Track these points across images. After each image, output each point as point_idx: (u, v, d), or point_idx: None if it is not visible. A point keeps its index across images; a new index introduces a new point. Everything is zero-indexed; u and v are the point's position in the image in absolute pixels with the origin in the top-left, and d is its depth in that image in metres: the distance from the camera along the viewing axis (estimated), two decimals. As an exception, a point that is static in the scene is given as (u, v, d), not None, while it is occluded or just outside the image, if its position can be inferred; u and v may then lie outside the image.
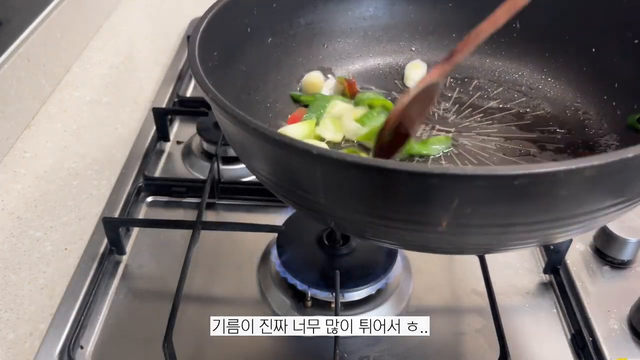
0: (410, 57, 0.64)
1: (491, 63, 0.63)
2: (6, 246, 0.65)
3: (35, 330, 0.56)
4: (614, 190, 0.34)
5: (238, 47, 0.54)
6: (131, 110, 0.86)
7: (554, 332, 0.57)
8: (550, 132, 0.55)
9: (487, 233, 0.36)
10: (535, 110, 0.58)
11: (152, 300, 0.59)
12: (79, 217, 0.68)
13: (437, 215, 0.33)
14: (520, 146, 0.54)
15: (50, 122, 0.83)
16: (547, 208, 0.33)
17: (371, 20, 0.64)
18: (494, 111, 0.59)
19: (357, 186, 0.34)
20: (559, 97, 0.59)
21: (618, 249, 0.61)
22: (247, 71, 0.55)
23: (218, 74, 0.49)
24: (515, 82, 0.62)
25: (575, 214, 0.35)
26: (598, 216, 0.36)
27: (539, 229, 0.35)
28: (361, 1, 0.63)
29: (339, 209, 0.37)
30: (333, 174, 0.34)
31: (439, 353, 0.55)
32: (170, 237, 0.65)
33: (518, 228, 0.35)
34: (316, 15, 0.61)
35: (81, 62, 0.97)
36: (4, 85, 0.76)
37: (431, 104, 0.50)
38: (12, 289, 0.60)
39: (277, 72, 0.59)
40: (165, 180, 0.72)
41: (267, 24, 0.58)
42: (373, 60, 0.64)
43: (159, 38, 1.05)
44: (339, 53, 0.63)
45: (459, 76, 0.63)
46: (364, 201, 0.35)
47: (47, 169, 0.75)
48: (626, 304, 0.57)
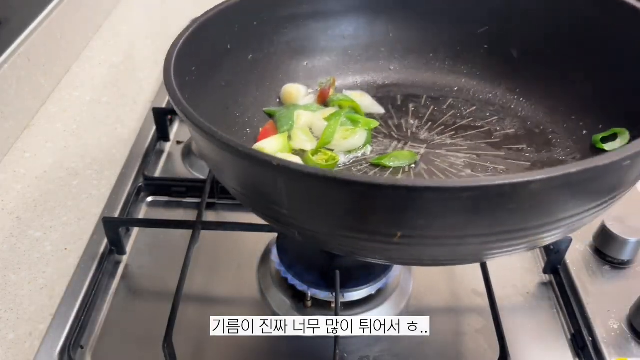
0: (388, 75, 0.66)
1: (466, 82, 0.65)
2: (6, 246, 0.65)
3: (35, 330, 0.56)
4: (561, 204, 0.35)
5: (218, 63, 0.55)
6: (131, 110, 0.86)
7: (553, 332, 0.57)
8: (518, 149, 0.57)
9: (443, 244, 0.37)
10: (506, 128, 0.60)
11: (152, 300, 0.59)
12: (78, 217, 0.68)
13: (391, 226, 0.34)
14: (488, 163, 0.55)
15: (50, 122, 0.83)
16: (496, 221, 0.34)
17: (351, 39, 0.65)
18: (465, 129, 0.60)
19: (315, 196, 0.35)
20: (530, 116, 0.60)
21: (618, 249, 0.61)
22: (226, 86, 0.56)
23: (195, 87, 0.50)
24: (489, 101, 0.63)
25: (524, 227, 0.36)
26: (545, 230, 0.37)
27: (490, 241, 0.37)
28: (341, 20, 0.64)
29: (301, 219, 0.38)
30: (294, 184, 0.35)
31: (439, 353, 0.55)
32: (170, 237, 0.65)
33: (472, 240, 0.36)
34: (297, 33, 0.62)
35: (81, 62, 0.97)
36: (4, 85, 0.76)
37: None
38: (12, 289, 0.60)
39: (257, 87, 0.61)
40: (165, 180, 0.72)
41: (248, 41, 0.59)
42: (352, 77, 0.66)
43: (159, 38, 1.05)
44: (318, 70, 0.65)
45: (434, 95, 0.65)
46: (323, 211, 0.36)
47: (47, 169, 0.75)
48: (626, 304, 0.57)
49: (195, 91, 0.50)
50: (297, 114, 0.60)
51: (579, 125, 0.57)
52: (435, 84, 0.65)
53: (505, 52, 0.63)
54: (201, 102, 0.50)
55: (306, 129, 0.59)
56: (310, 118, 0.60)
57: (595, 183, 0.36)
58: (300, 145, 0.57)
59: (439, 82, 0.65)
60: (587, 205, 0.37)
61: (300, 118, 0.60)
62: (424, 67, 0.65)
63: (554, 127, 0.59)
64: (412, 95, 0.64)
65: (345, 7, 0.63)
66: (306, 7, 0.61)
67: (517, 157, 0.56)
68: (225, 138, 0.36)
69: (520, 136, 0.58)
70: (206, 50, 0.53)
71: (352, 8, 0.63)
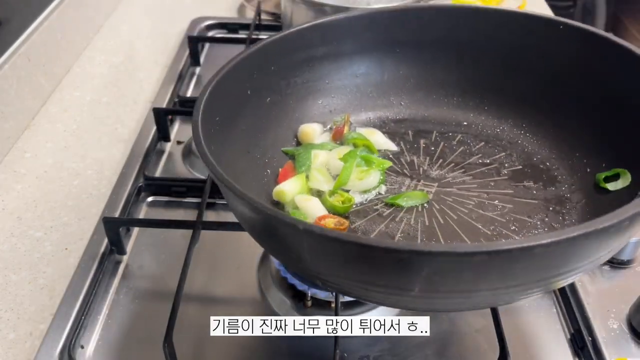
0: (399, 110, 0.68)
1: (475, 118, 0.66)
2: (6, 246, 0.65)
3: (36, 330, 0.56)
4: (559, 263, 0.39)
5: (239, 110, 0.57)
6: (131, 110, 0.86)
7: (553, 332, 0.57)
8: (525, 187, 0.59)
9: (455, 297, 0.41)
10: (513, 165, 0.61)
11: (153, 300, 0.59)
12: (79, 217, 0.68)
13: (410, 282, 0.38)
14: (497, 201, 0.57)
15: (50, 122, 0.83)
16: (506, 276, 0.39)
17: (363, 77, 0.67)
18: (474, 166, 0.62)
19: (338, 256, 0.39)
20: (536, 152, 0.62)
21: (618, 249, 0.61)
22: (246, 130, 0.58)
23: (220, 137, 0.52)
24: (497, 136, 0.65)
25: (531, 279, 0.40)
26: (552, 281, 0.41)
27: (502, 293, 0.41)
28: (353, 60, 0.66)
29: (323, 273, 0.42)
30: (317, 244, 0.39)
31: (439, 353, 0.55)
32: (170, 237, 0.65)
33: (485, 292, 0.40)
34: (311, 73, 0.65)
35: (81, 62, 0.97)
36: (4, 85, 0.76)
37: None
38: (13, 289, 0.60)
39: (275, 128, 0.62)
40: (166, 180, 0.72)
41: (266, 85, 0.61)
42: (365, 114, 0.68)
43: (159, 38, 1.05)
44: (333, 108, 0.67)
45: (444, 130, 0.66)
46: (346, 268, 0.40)
47: (47, 169, 0.75)
48: (626, 304, 0.57)
49: (220, 141, 0.51)
50: (314, 153, 0.61)
51: (582, 162, 0.59)
52: (444, 119, 0.67)
53: (511, 89, 0.65)
54: (225, 150, 0.52)
55: (323, 168, 0.61)
56: (327, 157, 0.62)
57: (597, 241, 0.39)
58: (317, 186, 0.58)
59: (448, 117, 0.67)
60: (593, 256, 0.41)
61: (317, 158, 0.61)
62: (433, 103, 0.68)
63: (558, 164, 0.60)
64: (423, 131, 0.66)
65: (358, 48, 0.65)
66: (321, 50, 0.64)
67: (524, 195, 0.58)
68: (257, 203, 0.40)
69: (527, 173, 0.60)
70: (228, 100, 0.55)
71: (363, 48, 0.66)
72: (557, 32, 0.60)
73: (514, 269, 0.38)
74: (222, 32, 1.06)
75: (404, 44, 0.66)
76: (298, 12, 0.87)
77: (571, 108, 0.60)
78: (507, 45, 0.63)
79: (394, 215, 0.56)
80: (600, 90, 0.58)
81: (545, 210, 0.56)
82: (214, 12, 1.10)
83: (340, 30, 0.64)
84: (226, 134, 0.54)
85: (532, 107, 0.63)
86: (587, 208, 0.55)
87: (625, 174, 0.54)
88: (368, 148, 0.63)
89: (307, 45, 0.63)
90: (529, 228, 0.54)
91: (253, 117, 0.59)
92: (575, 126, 0.60)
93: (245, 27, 1.04)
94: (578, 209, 0.56)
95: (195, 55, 0.96)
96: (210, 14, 1.08)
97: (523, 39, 0.62)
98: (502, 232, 0.54)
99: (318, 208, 0.56)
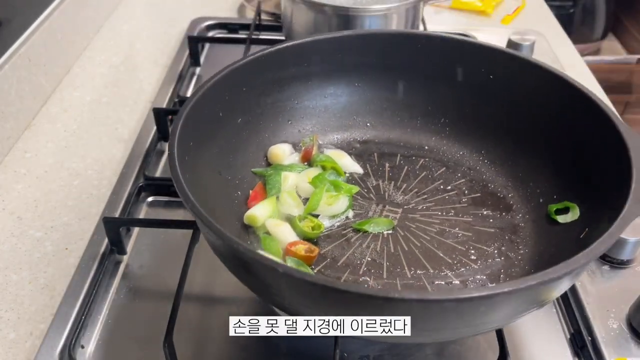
0: (366, 131, 0.71)
1: (437, 142, 0.69)
2: (7, 246, 0.65)
3: (36, 330, 0.56)
4: (513, 308, 0.44)
5: (211, 132, 0.59)
6: (131, 111, 0.86)
7: (553, 332, 0.57)
8: (483, 215, 0.61)
9: (419, 334, 0.44)
10: (472, 192, 0.64)
11: (153, 300, 0.59)
12: (79, 217, 0.68)
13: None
14: (457, 229, 0.60)
15: (50, 122, 0.83)
16: (473, 317, 0.43)
17: (331, 98, 0.70)
18: (436, 192, 0.65)
19: (317, 297, 0.43)
20: (493, 179, 0.65)
21: (617, 249, 0.61)
22: (218, 152, 0.60)
23: (193, 163, 0.53)
24: (457, 162, 0.67)
25: (496, 319, 0.45)
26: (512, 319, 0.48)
27: (468, 331, 0.46)
28: (323, 80, 0.69)
29: (301, 311, 0.45)
30: (296, 286, 0.42)
31: (439, 353, 0.55)
32: (170, 237, 0.65)
33: (451, 331, 0.45)
34: (281, 94, 0.67)
35: (82, 62, 0.97)
36: (5, 85, 0.76)
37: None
38: (13, 288, 0.60)
39: (245, 148, 0.64)
40: (166, 180, 0.72)
41: (237, 106, 0.63)
42: (333, 135, 0.70)
43: (159, 38, 1.05)
44: (302, 128, 0.69)
45: (407, 154, 0.69)
46: (320, 307, 0.44)
47: (47, 169, 0.75)
48: (625, 304, 0.57)
49: (194, 166, 0.53)
50: (284, 175, 0.63)
51: (536, 192, 0.61)
52: (408, 142, 0.70)
53: (471, 116, 0.67)
54: (198, 174, 0.54)
55: (293, 192, 0.63)
56: (296, 180, 0.64)
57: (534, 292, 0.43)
58: (288, 210, 0.60)
59: (411, 140, 0.70)
60: (520, 308, 0.45)
61: (287, 180, 0.63)
62: (397, 125, 0.70)
63: (514, 192, 0.63)
64: (388, 154, 0.69)
65: (327, 70, 0.68)
66: (291, 71, 0.66)
67: (482, 223, 0.61)
68: (239, 244, 0.42)
69: (485, 201, 0.63)
70: (201, 124, 0.57)
71: (332, 70, 0.68)
72: (516, 66, 0.63)
73: (482, 311, 0.42)
74: (222, 32, 1.06)
75: (371, 67, 0.68)
76: (298, 13, 0.87)
77: (527, 139, 0.63)
78: (470, 74, 0.66)
79: (361, 242, 0.59)
80: (554, 125, 0.61)
81: (501, 239, 0.59)
82: (214, 12, 1.10)
83: (310, 52, 0.66)
84: (199, 157, 0.56)
85: (491, 135, 0.67)
86: (537, 239, 0.58)
87: (574, 208, 0.56)
88: (336, 171, 0.65)
89: (277, 66, 0.65)
90: (487, 257, 0.57)
91: (224, 138, 0.61)
92: (529, 157, 0.63)
93: (245, 27, 1.04)
94: (531, 238, 0.59)
95: (196, 55, 0.96)
96: (211, 14, 1.08)
97: (487, 70, 0.65)
98: (462, 261, 0.57)
99: (288, 233, 0.58)
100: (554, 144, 0.60)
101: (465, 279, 0.55)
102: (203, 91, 0.56)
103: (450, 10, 1.16)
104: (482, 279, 0.55)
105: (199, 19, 1.05)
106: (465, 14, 1.15)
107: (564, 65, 0.96)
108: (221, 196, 0.59)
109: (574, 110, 0.58)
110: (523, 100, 0.63)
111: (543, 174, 0.61)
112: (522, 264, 0.56)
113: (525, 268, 0.56)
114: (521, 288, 0.39)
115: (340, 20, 0.83)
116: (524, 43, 0.96)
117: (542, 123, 0.62)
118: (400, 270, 0.56)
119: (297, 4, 0.86)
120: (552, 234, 0.57)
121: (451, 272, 0.56)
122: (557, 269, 0.40)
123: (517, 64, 0.63)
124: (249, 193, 0.62)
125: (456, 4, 1.16)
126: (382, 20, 0.84)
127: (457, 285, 0.54)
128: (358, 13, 0.82)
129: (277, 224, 0.59)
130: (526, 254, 0.57)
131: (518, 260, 0.57)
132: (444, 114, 0.69)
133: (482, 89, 0.65)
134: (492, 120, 0.66)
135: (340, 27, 0.83)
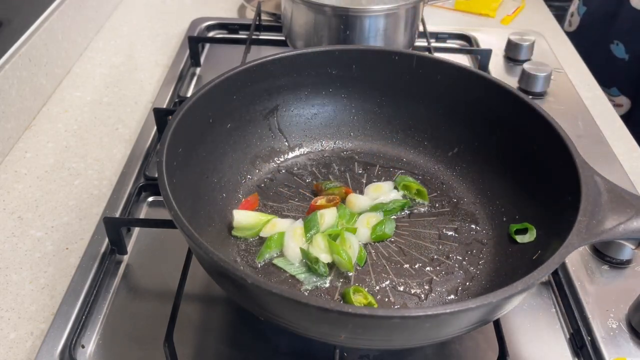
0: (349, 141, 0.73)
1: (415, 156, 0.72)
2: (7, 246, 0.65)
3: (37, 330, 0.57)
4: (454, 325, 0.46)
5: (200, 137, 0.61)
6: (132, 111, 0.86)
7: (552, 332, 0.57)
8: (450, 229, 0.63)
9: (374, 342, 0.48)
10: (442, 207, 0.66)
11: (153, 300, 0.59)
12: (79, 216, 0.69)
13: (337, 331, 0.45)
14: (425, 241, 0.62)
15: (51, 122, 0.83)
16: (413, 333, 0.46)
17: (318, 107, 0.72)
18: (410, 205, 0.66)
19: (283, 307, 0.45)
20: (463, 195, 0.67)
21: (617, 249, 0.61)
22: (206, 156, 0.62)
23: (181, 168, 0.55)
24: (433, 175, 0.70)
25: (435, 336, 0.48)
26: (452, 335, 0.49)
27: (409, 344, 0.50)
28: (310, 91, 0.71)
29: (272, 316, 0.47)
30: (265, 297, 0.44)
31: (439, 353, 0.55)
32: (171, 237, 0.65)
33: (396, 342, 0.48)
34: (270, 102, 0.69)
35: (82, 62, 0.97)
36: (5, 86, 0.76)
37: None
38: (14, 288, 0.60)
39: (233, 152, 0.67)
40: (166, 180, 0.72)
41: (227, 113, 0.65)
42: (318, 143, 0.73)
43: (159, 39, 1.05)
44: (288, 134, 0.72)
45: (386, 165, 0.71)
46: (285, 314, 0.46)
47: (48, 169, 0.75)
48: (625, 304, 0.57)
49: (181, 171, 0.55)
50: (321, 214, 0.62)
51: (501, 211, 0.63)
52: (387, 154, 0.72)
53: (447, 133, 0.70)
54: (185, 178, 0.56)
55: (326, 236, 0.60)
56: (332, 218, 0.63)
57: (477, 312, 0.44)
58: (316, 253, 0.59)
59: (391, 152, 0.72)
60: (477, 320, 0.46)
61: (324, 218, 0.62)
62: (379, 137, 0.73)
63: (481, 210, 0.65)
64: (368, 164, 0.71)
65: (315, 81, 0.70)
66: (282, 81, 0.68)
67: (448, 238, 0.62)
68: (219, 258, 0.44)
69: (454, 215, 0.65)
70: (191, 130, 0.59)
71: (320, 83, 0.71)
72: (489, 90, 0.64)
73: (421, 328, 0.45)
74: (222, 33, 1.06)
75: (357, 80, 0.71)
76: (298, 13, 0.87)
77: (496, 161, 0.66)
78: (448, 94, 0.68)
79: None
80: (518, 149, 0.63)
81: (463, 254, 0.60)
82: (214, 12, 1.11)
83: (301, 65, 0.68)
84: (187, 161, 0.58)
85: (463, 152, 0.69)
86: (497, 256, 0.60)
87: (532, 230, 0.58)
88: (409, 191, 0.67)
89: (268, 76, 0.67)
90: (448, 269, 0.59)
91: (213, 143, 0.63)
92: (497, 177, 0.65)
93: (245, 27, 1.04)
94: (491, 255, 0.60)
95: (196, 55, 0.96)
96: (211, 14, 1.09)
97: (465, 91, 0.67)
98: (425, 273, 0.59)
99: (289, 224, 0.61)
100: (518, 167, 0.63)
101: (427, 291, 0.57)
102: (194, 100, 0.59)
103: (450, 10, 1.16)
104: (442, 292, 0.57)
105: (199, 20, 1.06)
106: (466, 14, 1.15)
107: (563, 65, 0.96)
108: (206, 198, 0.61)
109: (537, 138, 0.59)
110: (493, 122, 0.65)
111: (507, 195, 0.63)
112: (480, 278, 0.58)
113: (482, 283, 0.57)
114: (458, 310, 0.42)
115: (340, 21, 0.84)
116: (523, 43, 0.96)
117: (510, 146, 0.64)
118: (369, 281, 0.57)
119: (297, 4, 0.86)
120: (510, 253, 0.58)
121: (414, 282, 0.57)
122: (491, 296, 0.42)
123: (490, 88, 0.64)
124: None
125: (459, 7, 1.16)
126: (382, 21, 0.84)
127: (418, 296, 0.56)
128: (358, 13, 0.83)
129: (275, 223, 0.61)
130: (485, 270, 0.59)
131: (477, 275, 0.58)
132: (423, 130, 0.71)
133: (456, 109, 0.68)
134: (465, 139, 0.68)
135: (340, 28, 0.84)
